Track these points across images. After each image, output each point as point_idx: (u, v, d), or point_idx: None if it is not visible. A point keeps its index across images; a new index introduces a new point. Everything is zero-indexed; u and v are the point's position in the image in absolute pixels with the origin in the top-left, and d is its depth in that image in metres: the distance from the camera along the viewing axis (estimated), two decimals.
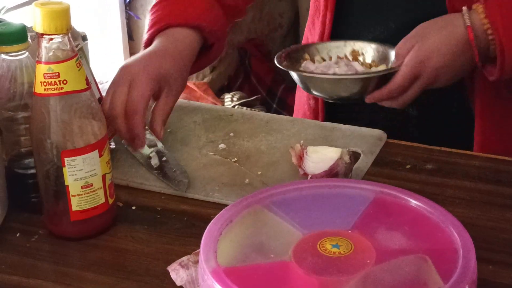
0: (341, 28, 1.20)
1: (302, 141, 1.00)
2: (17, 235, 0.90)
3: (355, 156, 1.00)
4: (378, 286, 0.68)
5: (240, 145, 1.07)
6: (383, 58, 1.13)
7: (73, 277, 0.83)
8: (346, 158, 0.94)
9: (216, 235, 0.74)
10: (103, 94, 0.97)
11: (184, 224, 0.91)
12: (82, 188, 0.85)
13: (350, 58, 1.15)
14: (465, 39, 1.02)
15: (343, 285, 0.68)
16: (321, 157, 0.95)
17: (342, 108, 1.22)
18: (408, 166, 1.02)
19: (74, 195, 0.85)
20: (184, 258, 0.80)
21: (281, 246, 0.73)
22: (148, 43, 1.07)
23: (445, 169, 1.01)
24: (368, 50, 1.15)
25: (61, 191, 0.85)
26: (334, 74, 1.09)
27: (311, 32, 1.26)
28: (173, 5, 1.08)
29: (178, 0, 1.09)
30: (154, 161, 1.02)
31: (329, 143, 1.06)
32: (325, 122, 1.15)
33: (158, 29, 1.06)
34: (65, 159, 0.84)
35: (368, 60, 1.14)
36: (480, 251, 0.77)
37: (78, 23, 2.84)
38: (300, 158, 0.95)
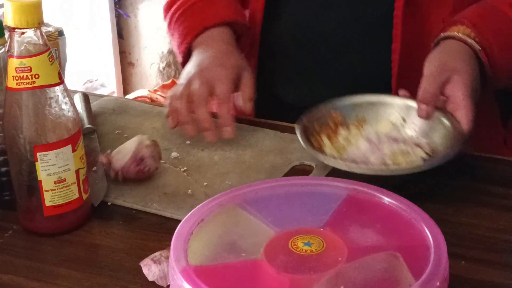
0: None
1: (109, 151, 0.96)
2: None
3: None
4: (349, 283, 0.65)
5: (194, 154, 1.02)
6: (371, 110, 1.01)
7: (46, 272, 0.80)
8: (147, 142, 0.93)
9: (187, 234, 0.71)
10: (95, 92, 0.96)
11: (159, 220, 0.88)
12: (55, 183, 0.82)
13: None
14: (479, 64, 1.00)
15: (313, 283, 0.65)
16: (124, 152, 0.93)
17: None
18: None
19: (47, 190, 0.83)
20: (157, 253, 0.78)
21: (253, 245, 0.70)
22: (186, 50, 1.11)
23: None
24: (349, 108, 1.01)
25: (34, 187, 0.83)
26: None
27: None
28: (203, 10, 1.13)
29: (206, 4, 1.13)
30: None
31: (284, 155, 1.00)
32: (286, 133, 1.06)
33: (197, 33, 1.10)
34: (38, 154, 0.81)
35: (351, 119, 1.01)
36: (453, 247, 0.76)
37: (68, 21, 2.82)
38: (110, 162, 0.93)
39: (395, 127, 1.00)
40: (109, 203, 0.91)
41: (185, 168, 0.98)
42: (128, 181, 0.94)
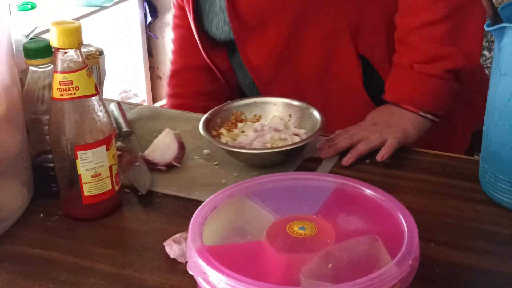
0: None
1: (140, 152, 0.98)
2: (41, 215, 0.88)
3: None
4: (336, 262, 0.65)
5: (222, 150, 1.01)
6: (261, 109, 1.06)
7: (85, 250, 0.81)
8: (174, 131, 0.98)
9: (202, 219, 0.71)
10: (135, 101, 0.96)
11: (179, 208, 0.89)
12: (92, 177, 0.83)
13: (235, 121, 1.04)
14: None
15: (307, 261, 0.65)
16: (161, 147, 0.95)
17: None
18: (367, 161, 1.00)
19: (86, 183, 0.83)
20: (177, 235, 0.79)
21: (257, 229, 0.70)
22: None
23: (401, 163, 0.99)
24: (248, 108, 1.06)
25: (75, 180, 0.83)
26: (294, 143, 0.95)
27: None
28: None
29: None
30: None
31: None
32: None
33: None
34: (78, 152, 0.82)
35: (250, 116, 1.05)
36: (426, 233, 0.76)
37: (106, 43, 2.81)
38: (149, 161, 0.96)
39: (282, 121, 1.04)
40: (159, 194, 0.92)
41: (216, 162, 0.99)
42: (173, 170, 0.97)
